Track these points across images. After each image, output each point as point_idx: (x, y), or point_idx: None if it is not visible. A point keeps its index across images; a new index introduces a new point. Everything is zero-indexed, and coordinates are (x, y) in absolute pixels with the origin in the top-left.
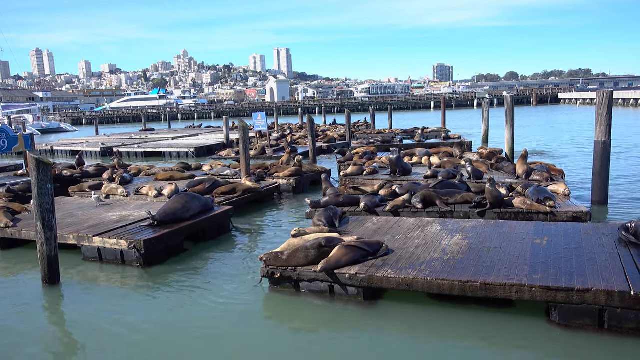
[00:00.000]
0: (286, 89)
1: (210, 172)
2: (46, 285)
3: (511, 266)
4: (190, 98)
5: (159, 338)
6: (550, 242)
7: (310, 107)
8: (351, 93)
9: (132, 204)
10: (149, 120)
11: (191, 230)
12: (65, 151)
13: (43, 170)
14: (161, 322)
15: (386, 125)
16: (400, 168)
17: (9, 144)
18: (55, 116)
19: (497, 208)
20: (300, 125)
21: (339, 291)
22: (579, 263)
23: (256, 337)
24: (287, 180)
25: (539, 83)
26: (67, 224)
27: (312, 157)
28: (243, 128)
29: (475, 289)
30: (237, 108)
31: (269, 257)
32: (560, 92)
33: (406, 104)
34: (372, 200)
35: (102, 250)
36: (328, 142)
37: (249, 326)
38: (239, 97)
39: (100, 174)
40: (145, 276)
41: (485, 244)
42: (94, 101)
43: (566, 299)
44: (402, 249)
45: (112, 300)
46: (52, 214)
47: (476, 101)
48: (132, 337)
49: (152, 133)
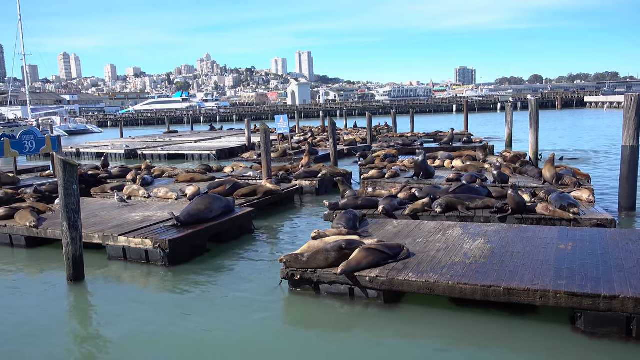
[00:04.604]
0: (307, 92)
1: (232, 174)
2: (71, 282)
3: (535, 271)
4: (212, 101)
5: (180, 336)
6: (575, 247)
7: (332, 110)
8: (372, 96)
9: (154, 205)
10: (172, 123)
11: (214, 231)
12: (91, 153)
13: (69, 172)
14: (182, 321)
15: (408, 128)
16: (424, 171)
17: (37, 145)
18: (82, 118)
19: (519, 214)
20: (321, 128)
21: (359, 294)
22: (605, 269)
23: (275, 339)
24: (309, 182)
25: (564, 86)
26: (92, 223)
27: (334, 160)
28: (265, 131)
29: (498, 294)
30: (259, 111)
31: (289, 259)
32: (587, 95)
33: (428, 107)
34: (391, 203)
35: (127, 249)
36: (349, 145)
37: (268, 327)
38: (260, 100)
39: (124, 175)
40: (169, 275)
41: (508, 248)
42: (119, 104)
43: (592, 305)
44: (423, 253)
45: (135, 298)
46: (77, 214)
47: (499, 104)
48: (155, 335)
49: (175, 135)
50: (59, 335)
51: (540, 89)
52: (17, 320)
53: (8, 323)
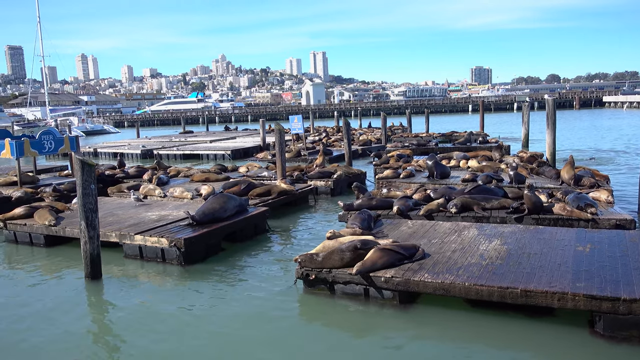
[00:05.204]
0: (322, 92)
1: (247, 174)
2: (89, 280)
3: (553, 273)
4: (227, 101)
5: (195, 334)
6: (594, 249)
7: (346, 110)
8: (387, 96)
9: (170, 204)
10: (188, 123)
11: (229, 230)
12: (108, 153)
13: (87, 171)
14: (197, 319)
15: (423, 128)
16: (438, 171)
17: (55, 145)
18: (99, 119)
19: (536, 214)
20: (336, 128)
21: (373, 294)
22: (624, 272)
23: (290, 338)
24: (324, 182)
25: (582, 86)
26: (109, 222)
27: (348, 160)
28: (279, 131)
29: (515, 295)
30: (274, 111)
31: (304, 259)
32: (605, 95)
33: (443, 107)
34: (406, 203)
35: (143, 248)
36: (363, 145)
37: (282, 327)
38: (275, 100)
39: (140, 175)
40: (185, 274)
41: (525, 250)
42: (136, 104)
43: (612, 308)
44: (439, 253)
45: (151, 296)
46: (95, 214)
47: (516, 104)
48: (170, 333)
49: (191, 135)
50: (75, 331)
51: (558, 89)
52: (36, 317)
53: (27, 319)
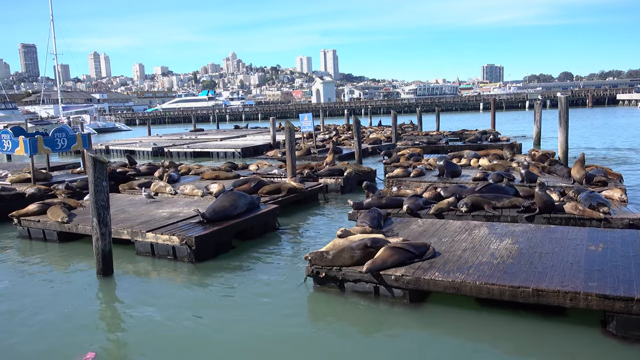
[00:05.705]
0: (332, 90)
1: (257, 171)
2: (100, 277)
3: (565, 273)
4: (238, 99)
5: (205, 332)
6: (606, 248)
7: (356, 109)
8: (397, 94)
9: (181, 202)
10: (198, 121)
11: (239, 228)
12: (120, 150)
13: (99, 169)
14: (207, 316)
15: (433, 127)
16: (448, 170)
17: (68, 142)
18: (111, 116)
19: (547, 213)
20: (346, 126)
21: (384, 292)
22: (638, 271)
23: (300, 336)
24: (334, 180)
25: (595, 84)
26: (120, 219)
27: (358, 158)
28: (289, 129)
29: (526, 295)
30: (284, 109)
31: (314, 257)
32: (619, 93)
33: (454, 105)
34: (416, 202)
35: (154, 245)
36: (374, 143)
37: (293, 325)
38: (285, 98)
39: (151, 172)
40: (195, 271)
41: (537, 249)
42: (147, 102)
43: (625, 308)
44: (449, 252)
45: (162, 293)
46: (107, 211)
47: (528, 102)
48: (180, 330)
49: (202, 133)
50: (86, 327)
51: (571, 87)
52: (48, 312)
53: (40, 314)
